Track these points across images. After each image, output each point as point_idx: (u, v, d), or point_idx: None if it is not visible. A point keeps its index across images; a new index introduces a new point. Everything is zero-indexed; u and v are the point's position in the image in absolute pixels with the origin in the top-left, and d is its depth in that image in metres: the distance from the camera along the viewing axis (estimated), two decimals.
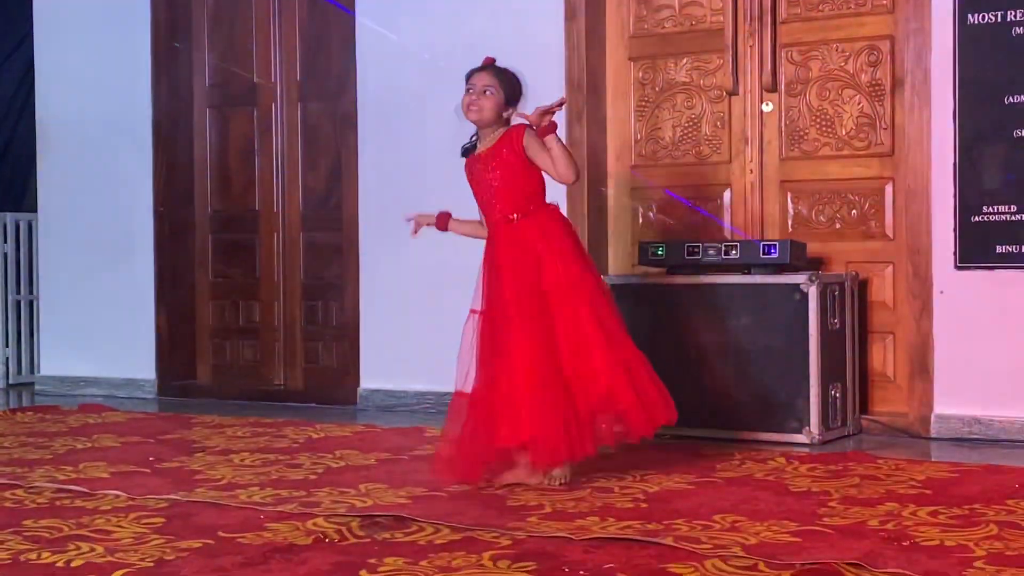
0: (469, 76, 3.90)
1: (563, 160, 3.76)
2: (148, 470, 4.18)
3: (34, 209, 6.84)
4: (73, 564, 2.91)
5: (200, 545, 3.09)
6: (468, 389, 3.79)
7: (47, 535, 3.21)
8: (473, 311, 3.86)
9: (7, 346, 6.91)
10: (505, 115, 3.87)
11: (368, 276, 5.88)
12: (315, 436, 4.89)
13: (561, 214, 3.90)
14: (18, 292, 6.96)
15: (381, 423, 5.27)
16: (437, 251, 5.62)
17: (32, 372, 6.92)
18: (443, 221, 4.06)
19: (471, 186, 3.94)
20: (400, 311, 5.76)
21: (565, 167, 3.77)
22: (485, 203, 3.90)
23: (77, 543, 3.11)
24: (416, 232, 4.11)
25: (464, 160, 4.00)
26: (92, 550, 3.04)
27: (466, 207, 5.84)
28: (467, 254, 5.50)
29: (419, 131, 5.70)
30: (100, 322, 6.52)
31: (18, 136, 7.01)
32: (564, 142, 3.83)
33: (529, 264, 3.77)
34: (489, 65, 3.90)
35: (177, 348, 6.45)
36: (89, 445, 4.73)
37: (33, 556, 2.99)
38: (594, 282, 3.86)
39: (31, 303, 6.97)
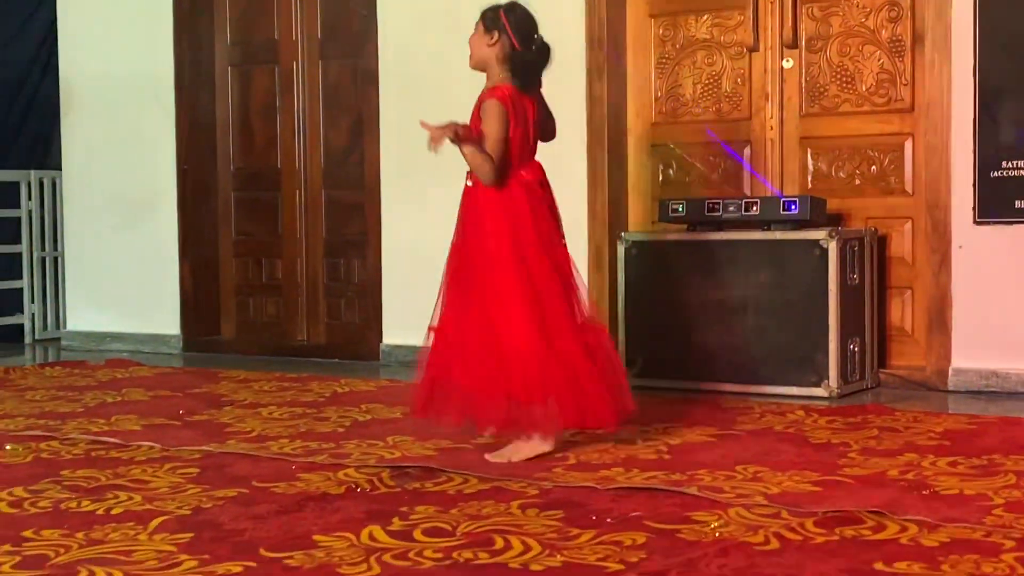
0: None
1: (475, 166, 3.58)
2: (179, 423, 4.27)
3: (57, 167, 6.90)
4: (113, 512, 2.99)
5: (235, 494, 3.17)
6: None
7: (85, 484, 3.29)
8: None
9: (32, 302, 6.99)
10: (490, 44, 3.69)
11: (390, 233, 5.93)
12: (340, 391, 4.97)
13: (523, 187, 3.65)
14: (43, 249, 7.03)
15: (404, 378, 5.34)
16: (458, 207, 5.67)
17: (57, 328, 7.01)
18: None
19: None
20: (422, 268, 5.77)
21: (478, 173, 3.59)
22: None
23: (115, 492, 3.20)
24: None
25: None
26: (130, 499, 3.13)
27: None
28: None
29: (440, 88, 5.72)
30: (125, 278, 6.60)
31: (41, 95, 7.05)
32: (478, 151, 3.56)
33: (468, 233, 3.64)
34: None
35: (201, 304, 6.52)
36: (119, 399, 4.82)
37: (73, 504, 3.07)
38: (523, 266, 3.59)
39: (55, 260, 7.05)
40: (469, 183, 3.69)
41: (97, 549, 2.67)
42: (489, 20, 3.71)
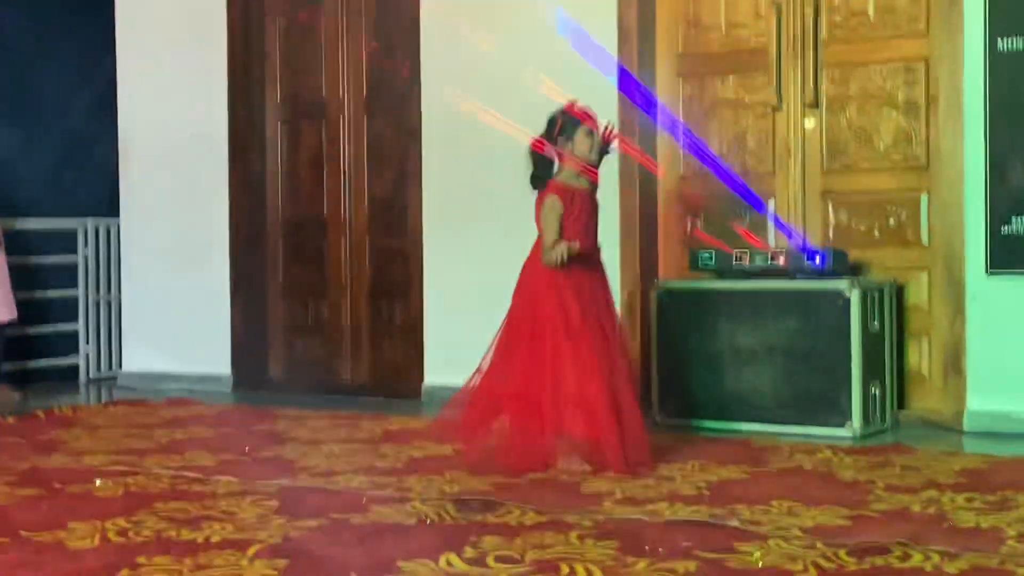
0: (592, 130, 4.40)
1: None
2: (249, 458, 4.58)
3: (112, 214, 7.25)
4: (213, 540, 3.30)
5: (317, 524, 3.48)
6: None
7: (179, 515, 3.60)
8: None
9: (88, 343, 7.33)
10: None
11: (431, 278, 6.27)
12: (391, 428, 5.28)
13: None
14: (97, 293, 7.37)
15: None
16: (496, 255, 6.01)
17: (110, 368, 7.34)
18: None
19: (572, 213, 4.37)
20: (462, 310, 6.14)
21: None
22: (583, 233, 4.36)
23: (208, 522, 3.51)
24: None
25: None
26: (224, 528, 3.43)
27: (522, 211, 6.25)
28: (523, 259, 5.90)
29: (481, 143, 6.08)
30: (179, 321, 6.94)
31: (100, 145, 7.40)
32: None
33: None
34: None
35: (251, 345, 6.86)
36: (187, 436, 5.14)
37: (173, 533, 3.38)
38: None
39: (108, 304, 7.39)
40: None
41: (205, 574, 2.98)
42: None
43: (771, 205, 5.61)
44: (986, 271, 5.04)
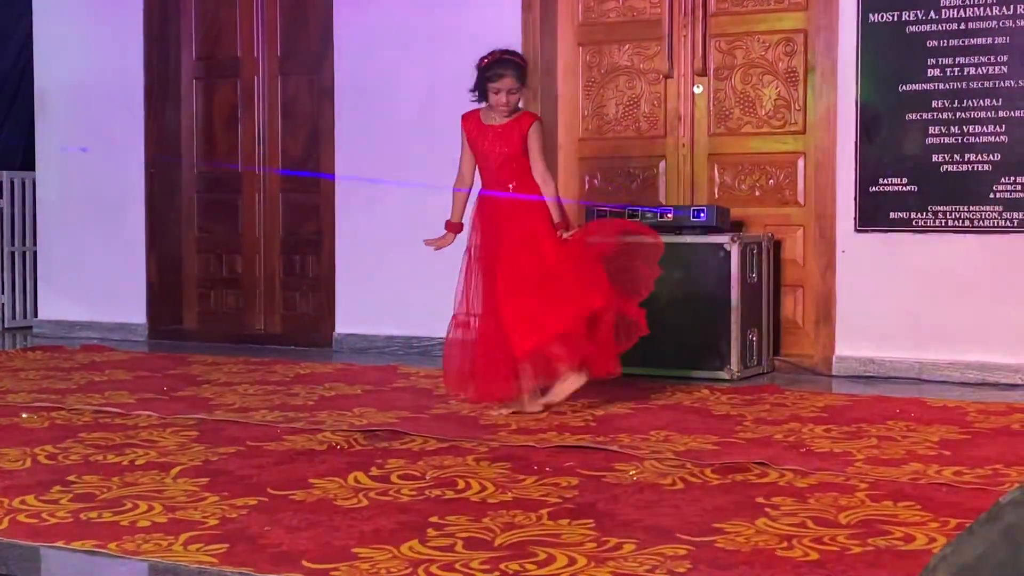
0: (495, 77, 4.43)
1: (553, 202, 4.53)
2: (166, 397, 4.86)
3: (28, 168, 7.41)
4: (137, 463, 3.59)
5: (235, 450, 3.78)
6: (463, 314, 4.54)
7: (104, 443, 3.88)
8: (468, 252, 4.56)
9: (2, 293, 7.49)
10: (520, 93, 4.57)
11: (343, 232, 6.55)
12: (302, 372, 5.58)
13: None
14: (12, 244, 7.53)
15: (357, 362, 5.97)
16: (407, 211, 6.33)
17: (25, 317, 7.51)
18: (455, 230, 4.68)
19: (473, 143, 4.55)
20: (372, 263, 6.45)
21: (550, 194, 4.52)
22: (489, 165, 4.53)
23: (132, 449, 3.79)
24: (439, 248, 4.70)
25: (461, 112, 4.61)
26: (147, 454, 3.72)
27: (432, 168, 6.55)
28: (434, 215, 6.22)
29: (391, 102, 6.37)
30: (95, 271, 7.14)
31: (19, 100, 7.54)
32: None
33: (521, 224, 4.48)
34: (512, 65, 4.46)
35: (166, 296, 7.09)
36: (105, 378, 5.39)
37: (100, 458, 3.66)
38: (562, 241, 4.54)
39: (23, 254, 7.55)
40: (511, 187, 4.52)
41: (133, 489, 3.27)
42: (524, 82, 4.54)
43: (661, 165, 5.99)
44: (855, 228, 5.46)
